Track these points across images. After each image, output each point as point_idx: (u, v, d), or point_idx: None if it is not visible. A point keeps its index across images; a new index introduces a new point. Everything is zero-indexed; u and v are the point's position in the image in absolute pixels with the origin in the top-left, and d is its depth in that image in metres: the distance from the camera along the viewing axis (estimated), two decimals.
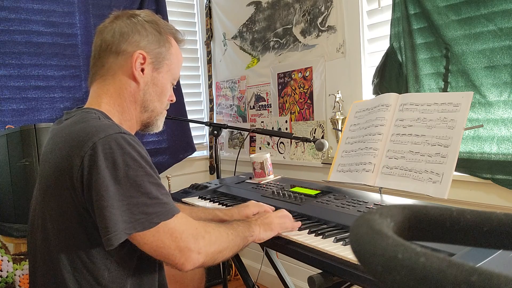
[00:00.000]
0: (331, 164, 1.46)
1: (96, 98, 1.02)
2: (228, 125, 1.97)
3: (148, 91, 1.05)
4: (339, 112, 1.96)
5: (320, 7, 2.10)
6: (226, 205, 1.40)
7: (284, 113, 2.38)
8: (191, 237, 0.90)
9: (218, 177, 1.99)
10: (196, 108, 3.04)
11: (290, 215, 1.14)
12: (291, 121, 2.33)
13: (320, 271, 0.92)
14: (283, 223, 1.08)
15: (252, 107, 2.65)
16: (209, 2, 2.91)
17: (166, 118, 1.20)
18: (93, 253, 0.88)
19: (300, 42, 2.24)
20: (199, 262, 0.90)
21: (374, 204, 1.18)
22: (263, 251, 1.59)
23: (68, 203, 0.87)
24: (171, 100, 1.14)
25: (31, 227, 1.00)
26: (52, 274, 0.91)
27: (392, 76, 1.72)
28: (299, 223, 1.11)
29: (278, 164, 2.35)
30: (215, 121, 2.96)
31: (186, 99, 2.80)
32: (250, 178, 1.72)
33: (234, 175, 1.88)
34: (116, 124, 0.92)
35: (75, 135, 0.88)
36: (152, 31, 1.04)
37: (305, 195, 1.35)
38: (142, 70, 1.02)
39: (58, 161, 0.89)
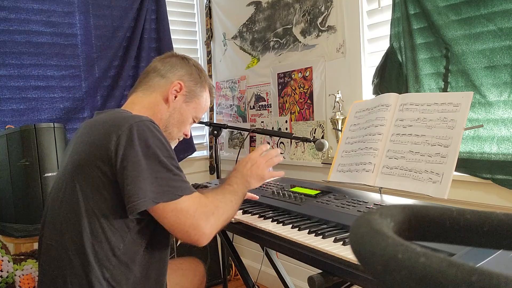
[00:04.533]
0: (331, 164, 1.46)
1: (131, 105, 1.21)
2: (228, 125, 1.97)
3: (173, 115, 1.23)
4: (339, 112, 1.95)
5: (320, 7, 2.10)
6: None
7: (284, 113, 2.38)
8: (203, 215, 1.00)
9: (218, 177, 1.99)
10: None
11: (273, 151, 1.30)
12: (291, 121, 2.33)
13: (320, 271, 0.92)
14: (269, 163, 1.26)
15: (252, 107, 2.65)
16: (209, 2, 2.91)
17: None
18: (114, 223, 0.99)
19: (300, 42, 2.24)
20: (212, 236, 1.02)
21: (374, 204, 1.18)
22: (263, 251, 1.59)
23: (99, 175, 0.98)
24: (186, 135, 1.30)
25: (52, 205, 1.08)
26: (73, 241, 1.00)
27: (392, 76, 1.72)
28: (281, 158, 1.31)
29: (278, 164, 2.35)
30: (215, 121, 2.96)
31: None
32: None
33: None
34: (144, 116, 1.07)
35: (113, 121, 1.03)
36: (195, 73, 1.27)
37: (305, 195, 1.35)
38: (176, 97, 1.22)
39: (95, 139, 1.02)
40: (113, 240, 0.99)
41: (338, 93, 1.96)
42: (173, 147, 1.20)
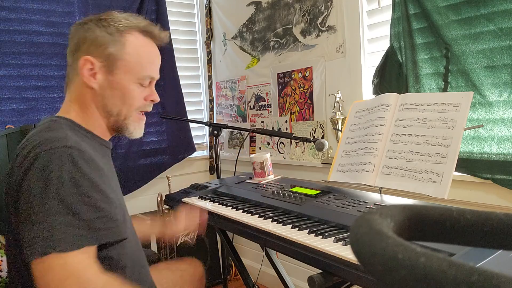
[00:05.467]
0: (331, 164, 1.46)
1: (65, 106, 1.04)
2: (228, 125, 1.97)
3: (106, 95, 1.01)
4: (339, 112, 1.95)
5: (320, 7, 2.10)
6: (226, 205, 1.40)
7: (284, 113, 2.38)
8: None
9: (218, 177, 1.99)
10: (196, 108, 3.04)
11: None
12: (291, 121, 2.33)
13: (320, 271, 0.92)
14: None
15: (252, 107, 2.65)
16: (209, 2, 2.91)
17: (166, 118, 1.19)
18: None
19: (300, 42, 2.24)
20: None
21: (374, 204, 1.18)
22: (263, 251, 1.59)
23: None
24: (152, 101, 1.08)
25: None
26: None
27: (392, 76, 1.72)
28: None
29: (278, 164, 2.35)
30: (215, 121, 2.96)
31: (186, 99, 2.80)
32: (250, 178, 1.72)
33: (234, 175, 1.88)
34: (68, 136, 0.90)
35: (27, 145, 0.89)
36: (100, 33, 0.99)
37: (305, 195, 1.35)
38: (94, 75, 1.00)
39: (12, 171, 0.89)
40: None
41: (338, 93, 1.96)
42: (138, 125, 1.07)
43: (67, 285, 0.78)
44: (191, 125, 2.84)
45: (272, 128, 2.46)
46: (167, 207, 2.34)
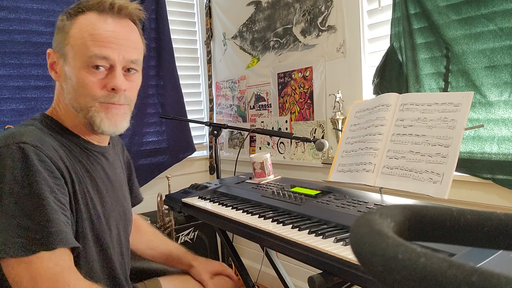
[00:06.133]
0: (331, 164, 1.46)
1: (52, 104, 1.00)
2: (228, 125, 1.97)
3: (67, 89, 0.92)
4: (339, 112, 1.95)
5: (320, 6, 2.10)
6: (226, 205, 1.40)
7: (284, 113, 2.38)
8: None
9: (218, 177, 1.99)
10: (196, 108, 3.04)
11: None
12: (291, 121, 2.33)
13: (320, 271, 0.92)
14: None
15: (252, 107, 2.65)
16: (209, 1, 2.91)
17: (166, 118, 1.12)
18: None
19: (300, 42, 2.24)
20: None
21: (374, 204, 1.18)
22: (263, 251, 1.59)
23: None
24: (113, 89, 0.91)
25: None
26: None
27: (393, 76, 1.72)
28: None
29: (278, 164, 2.35)
30: (215, 121, 2.95)
31: (186, 99, 2.80)
32: (250, 178, 1.72)
33: (234, 175, 1.88)
34: (26, 132, 0.85)
35: None
36: (60, 22, 0.95)
37: (305, 195, 1.35)
38: (56, 67, 0.95)
39: None
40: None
41: (338, 93, 1.96)
42: (107, 118, 0.94)
43: (40, 287, 0.77)
44: (191, 125, 2.84)
45: (272, 128, 2.46)
46: (167, 207, 2.34)
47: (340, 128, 1.91)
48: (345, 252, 0.90)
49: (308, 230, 1.06)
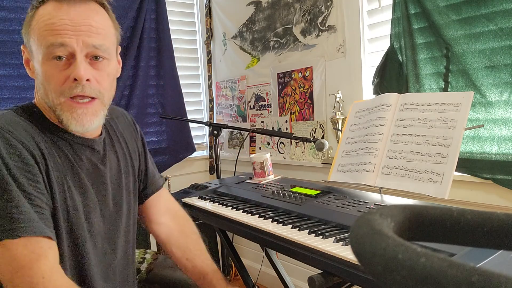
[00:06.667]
0: (331, 164, 1.46)
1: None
2: (228, 125, 1.97)
3: (38, 85, 0.89)
4: (339, 112, 1.95)
5: (320, 6, 2.10)
6: (226, 205, 1.40)
7: (284, 113, 2.38)
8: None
9: (218, 177, 1.99)
10: (196, 108, 3.04)
11: None
12: (291, 121, 2.33)
13: (320, 271, 0.92)
14: None
15: (252, 107, 2.65)
16: (209, 1, 2.91)
17: (166, 118, 1.09)
18: None
19: (300, 42, 2.24)
20: None
21: (375, 204, 1.18)
22: (263, 251, 1.59)
23: None
24: (75, 79, 0.85)
25: None
26: None
27: (393, 76, 1.72)
28: None
29: (278, 164, 2.35)
30: (215, 121, 2.95)
31: (186, 99, 2.80)
32: (250, 178, 1.72)
33: (234, 175, 1.88)
34: (2, 118, 0.84)
35: None
36: (27, 16, 0.90)
37: (305, 195, 1.35)
38: (29, 65, 0.92)
39: None
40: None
41: (338, 93, 1.96)
42: (71, 114, 0.88)
43: (19, 276, 0.77)
44: (191, 125, 2.84)
45: (272, 128, 2.46)
46: None
47: (340, 128, 1.91)
48: (345, 252, 0.90)
49: (308, 230, 1.06)
